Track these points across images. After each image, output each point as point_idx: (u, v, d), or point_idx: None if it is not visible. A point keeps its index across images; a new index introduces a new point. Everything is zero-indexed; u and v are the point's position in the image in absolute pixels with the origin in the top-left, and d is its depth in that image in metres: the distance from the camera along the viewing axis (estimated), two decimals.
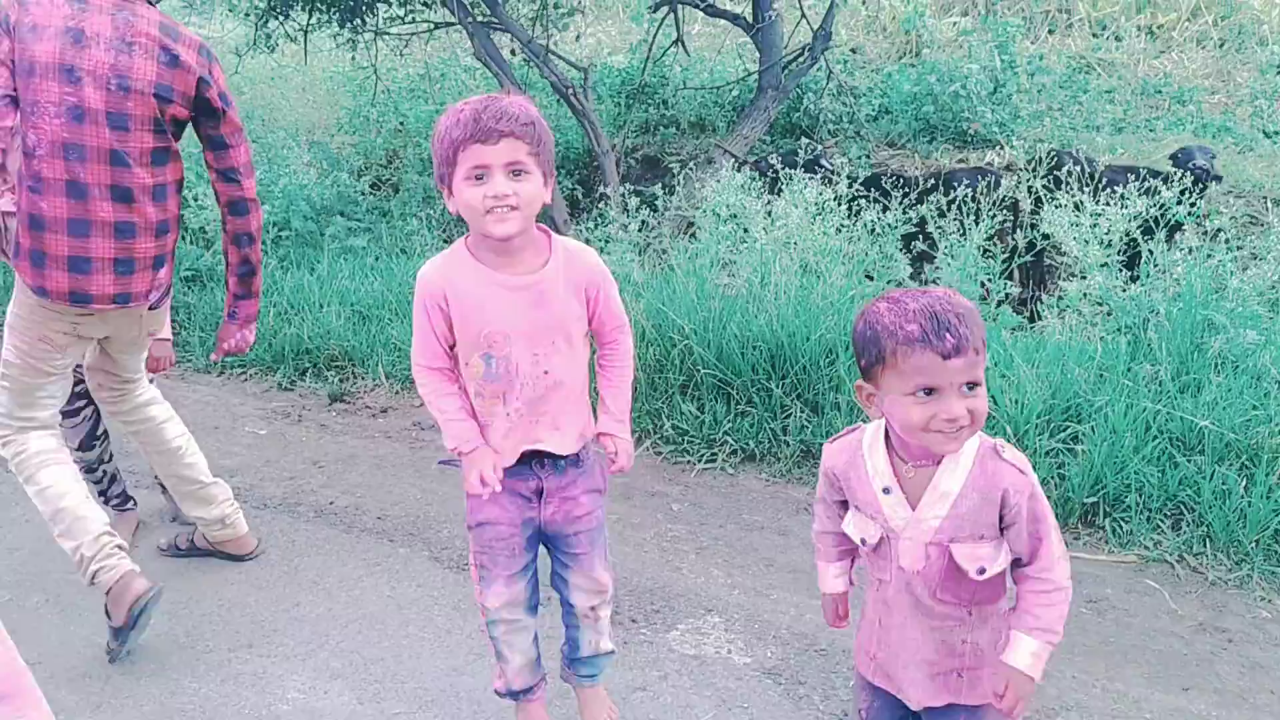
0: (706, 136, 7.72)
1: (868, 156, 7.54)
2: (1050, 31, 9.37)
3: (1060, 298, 3.83)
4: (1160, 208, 3.74)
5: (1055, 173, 4.74)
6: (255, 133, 6.70)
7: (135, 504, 3.44)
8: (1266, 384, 3.19)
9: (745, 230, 4.38)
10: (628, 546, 3.20)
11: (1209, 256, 3.59)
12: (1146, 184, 4.03)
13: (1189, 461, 3.00)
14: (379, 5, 6.65)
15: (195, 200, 5.34)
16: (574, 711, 2.41)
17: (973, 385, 1.55)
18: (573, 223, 5.70)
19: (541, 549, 2.22)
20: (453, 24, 5.98)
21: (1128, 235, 3.73)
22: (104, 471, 3.33)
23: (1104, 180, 4.68)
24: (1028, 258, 4.10)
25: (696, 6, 6.89)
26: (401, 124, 8.53)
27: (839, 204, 4.28)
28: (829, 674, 2.60)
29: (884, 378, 1.59)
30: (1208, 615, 2.71)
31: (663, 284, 4.01)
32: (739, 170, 5.30)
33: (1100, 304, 3.60)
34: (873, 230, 4.27)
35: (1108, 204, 3.81)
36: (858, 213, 4.39)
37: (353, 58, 7.39)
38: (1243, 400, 3.10)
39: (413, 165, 7.80)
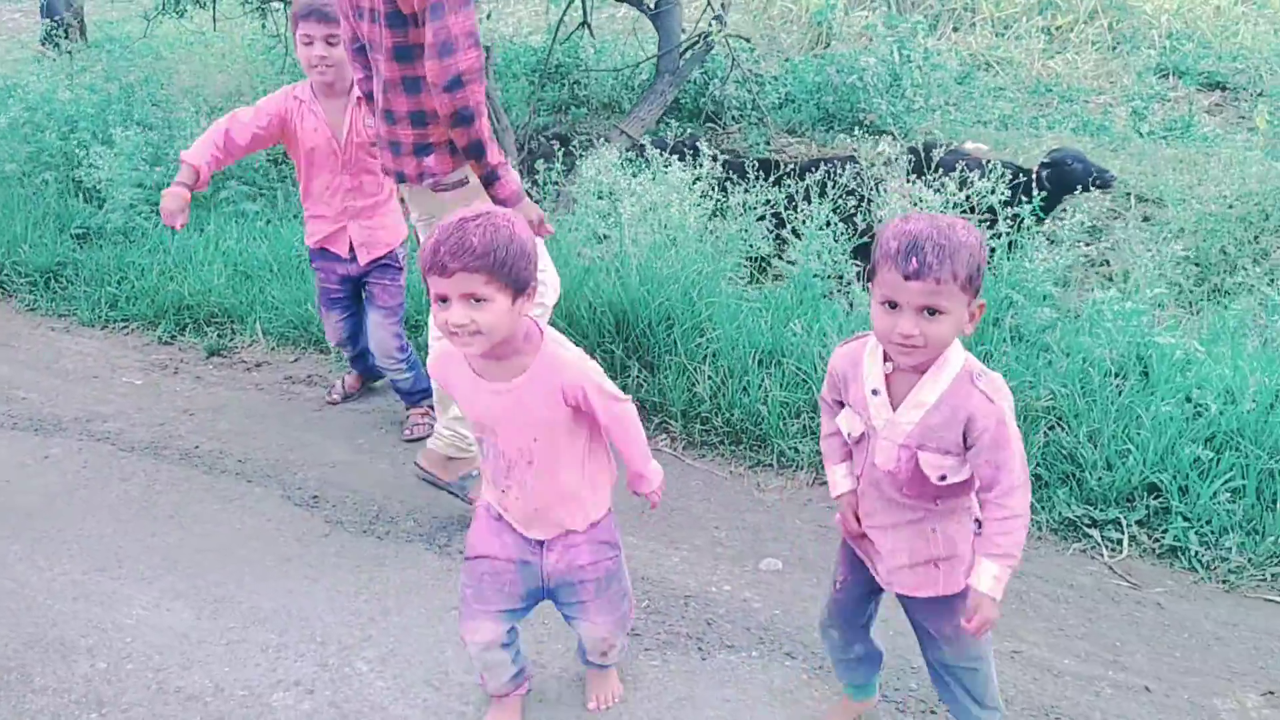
0: (617, 117, 8.02)
1: (767, 142, 7.91)
2: (955, 29, 9.79)
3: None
4: (980, 196, 4.12)
5: (921, 161, 5.14)
6: (162, 98, 6.87)
7: None
8: (1051, 356, 3.59)
9: (615, 206, 4.70)
10: None
11: (1013, 245, 3.98)
12: (1005, 175, 4.43)
13: None
14: None
15: (88, 159, 5.54)
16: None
17: (932, 311, 1.73)
18: None
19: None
20: None
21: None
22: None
23: (962, 170, 5.07)
24: (866, 239, 4.47)
25: None
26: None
27: (700, 184, 4.62)
28: (638, 603, 2.93)
29: (873, 283, 1.81)
30: None
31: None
32: (634, 151, 5.62)
33: None
34: (727, 210, 4.61)
35: (937, 191, 4.19)
36: (727, 193, 4.73)
37: (262, 26, 7.56)
38: (1025, 369, 3.49)
39: None
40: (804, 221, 4.39)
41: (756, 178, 4.82)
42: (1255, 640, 2.74)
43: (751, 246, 4.46)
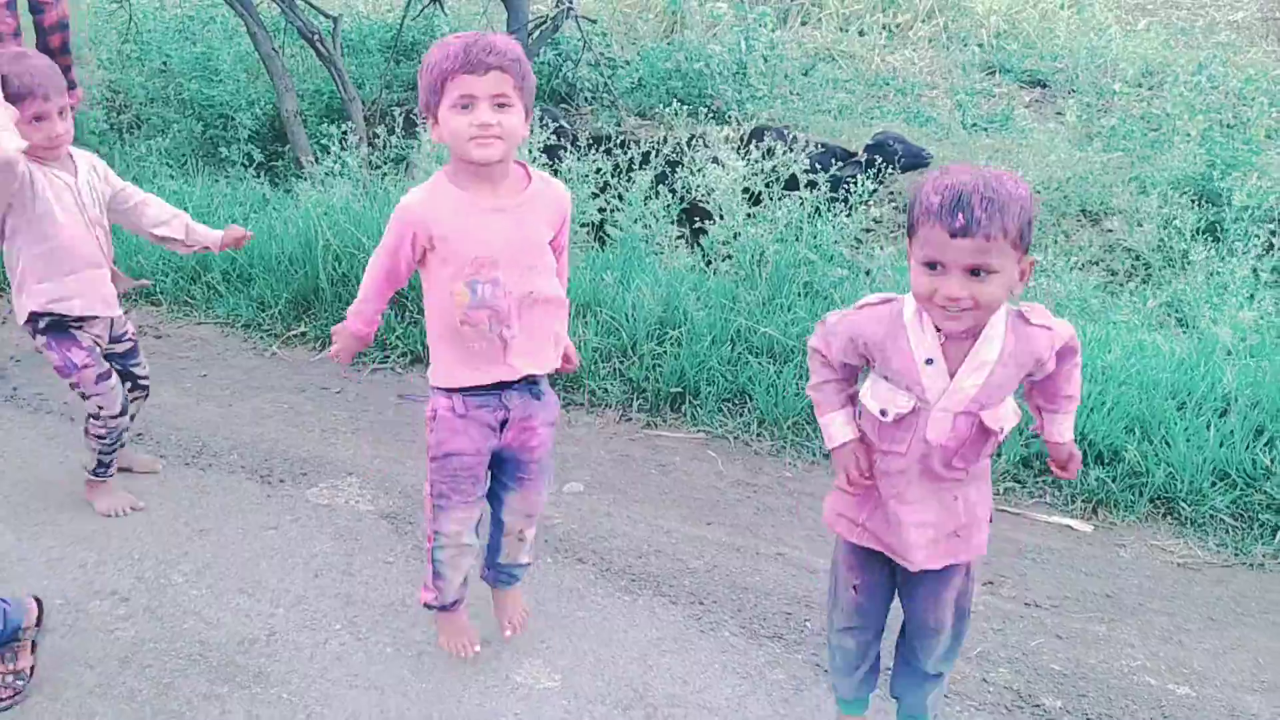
0: None
1: (618, 124, 8.27)
2: (803, 23, 10.36)
3: (704, 235, 4.60)
4: (779, 168, 4.56)
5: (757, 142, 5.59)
6: None
7: None
8: (835, 306, 4.02)
9: None
10: (292, 428, 3.76)
11: (819, 211, 4.42)
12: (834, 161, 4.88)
13: (758, 363, 3.80)
14: None
15: None
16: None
17: (980, 270, 1.60)
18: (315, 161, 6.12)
19: None
20: None
21: (750, 189, 4.54)
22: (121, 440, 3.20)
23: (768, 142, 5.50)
24: (684, 205, 4.85)
25: None
26: (165, 64, 8.70)
27: (531, 151, 4.93)
28: None
29: (911, 242, 1.70)
30: (744, 475, 3.51)
31: (364, 212, 4.55)
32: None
33: (725, 243, 4.39)
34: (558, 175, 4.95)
35: (743, 163, 4.61)
36: (560, 161, 5.06)
37: None
38: (811, 318, 3.92)
39: (171, 103, 8.02)
40: (628, 189, 4.75)
41: (588, 148, 5.15)
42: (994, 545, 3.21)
43: (582, 212, 4.80)
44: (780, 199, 4.43)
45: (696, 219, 4.75)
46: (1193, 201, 5.72)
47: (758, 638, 2.75)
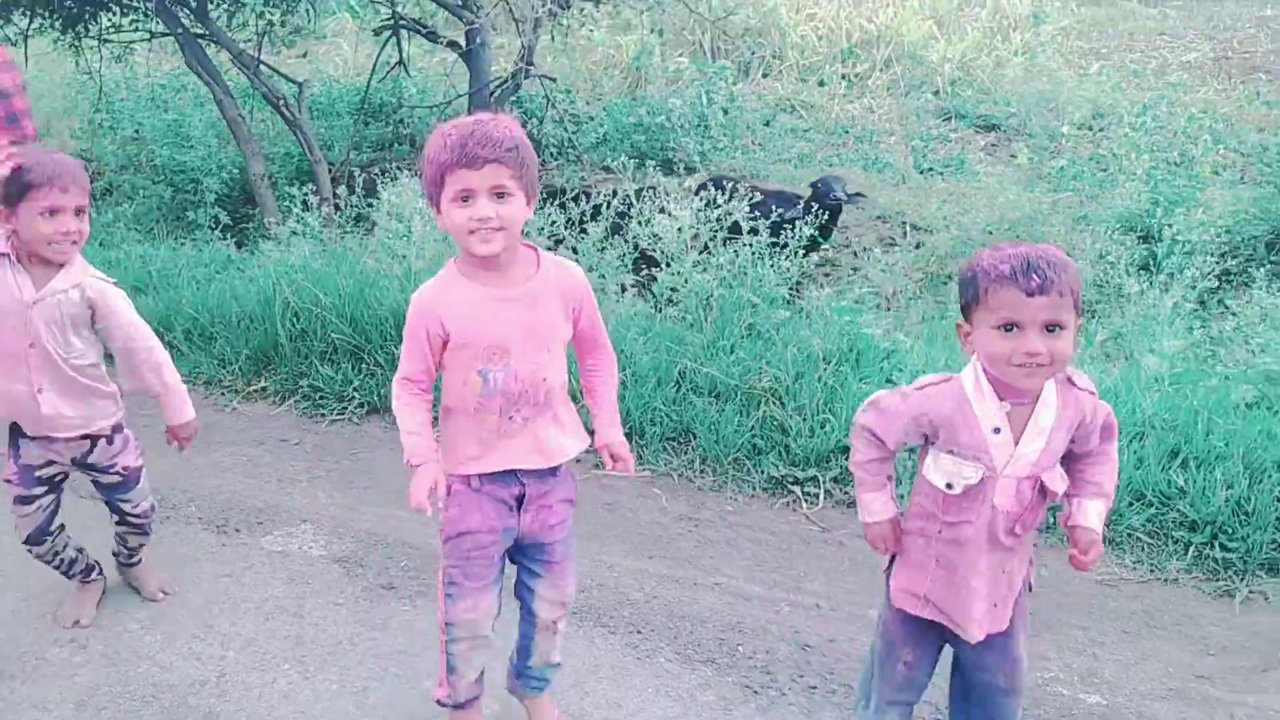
0: None
1: (582, 179, 8.52)
2: (765, 75, 10.68)
3: (655, 281, 4.78)
4: (722, 217, 4.75)
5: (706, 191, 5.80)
6: None
7: (101, 572, 3.18)
8: (781, 349, 4.20)
9: (410, 227, 5.17)
10: (250, 479, 3.90)
11: (760, 257, 4.60)
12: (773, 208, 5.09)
13: (702, 402, 3.96)
14: (101, 13, 7.09)
15: None
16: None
17: (1054, 326, 1.75)
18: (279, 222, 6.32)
19: None
20: (170, 34, 6.53)
21: (702, 235, 4.73)
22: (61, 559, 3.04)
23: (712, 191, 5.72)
24: (637, 254, 5.04)
25: (417, 32, 7.68)
26: (137, 132, 8.93)
27: None
28: (387, 559, 3.36)
29: (976, 313, 1.81)
30: (687, 510, 3.67)
31: (322, 270, 4.73)
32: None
33: (674, 289, 4.57)
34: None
35: (688, 213, 4.81)
36: None
37: (76, 63, 7.77)
38: (754, 357, 4.09)
39: (143, 169, 8.24)
40: (580, 240, 4.94)
41: (544, 202, 5.35)
42: None
43: None
44: (726, 244, 4.62)
45: (645, 267, 4.94)
46: (1139, 238, 5.95)
47: (691, 663, 2.88)
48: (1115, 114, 8.19)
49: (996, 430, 1.87)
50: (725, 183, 6.84)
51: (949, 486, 1.93)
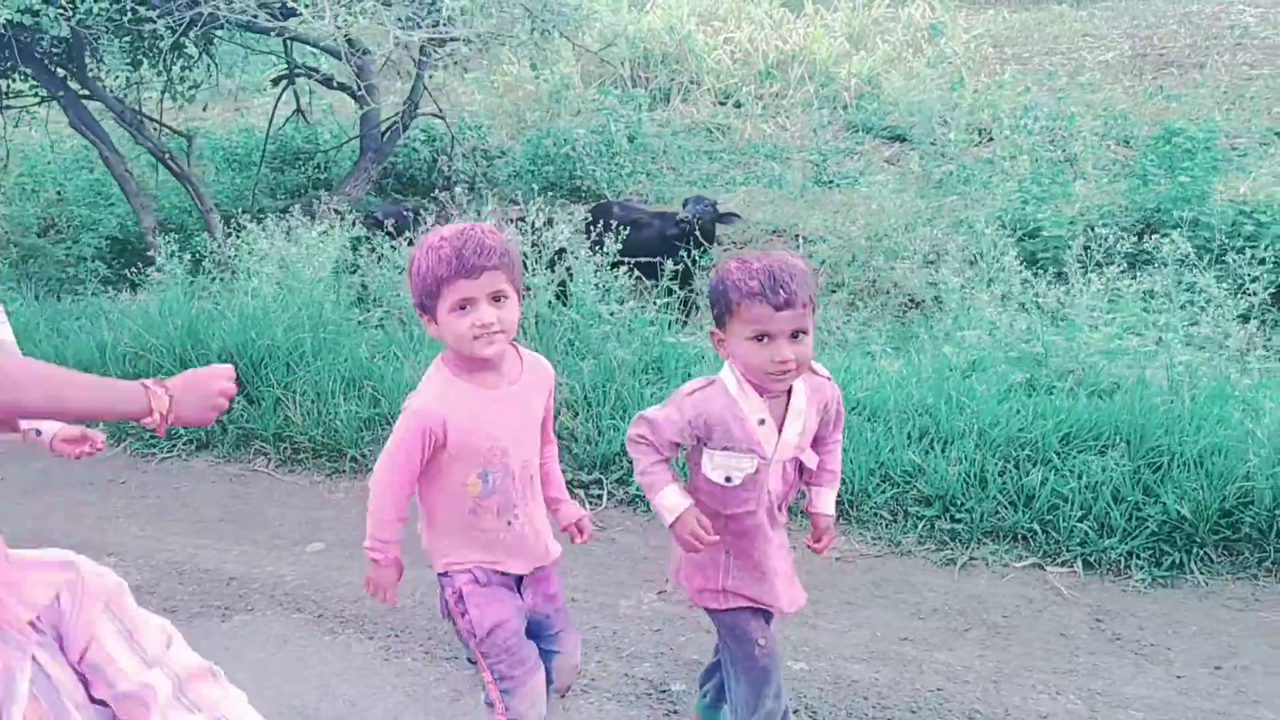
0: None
1: (493, 210, 8.77)
2: (684, 100, 10.94)
3: None
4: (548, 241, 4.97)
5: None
6: None
7: None
8: (587, 359, 4.38)
9: (282, 267, 5.41)
10: (72, 520, 4.10)
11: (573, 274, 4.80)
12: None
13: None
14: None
15: None
16: None
17: (799, 333, 1.95)
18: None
19: None
20: (54, 98, 6.82)
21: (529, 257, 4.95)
22: None
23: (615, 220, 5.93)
24: None
25: (310, 78, 7.97)
26: (60, 194, 9.25)
27: (332, 241, 5.37)
28: (176, 585, 3.55)
29: (731, 325, 1.98)
30: None
31: (155, 317, 4.96)
32: (343, 222, 6.30)
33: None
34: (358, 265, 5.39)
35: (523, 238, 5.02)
36: (360, 250, 5.50)
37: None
38: (566, 371, 4.28)
39: (66, 232, 8.53)
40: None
41: (390, 233, 5.59)
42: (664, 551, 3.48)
43: (366, 289, 5.22)
44: (553, 267, 4.83)
45: None
46: (1017, 237, 6.12)
47: (436, 660, 3.05)
48: (1002, 119, 8.38)
49: (762, 422, 2.05)
50: (614, 207, 7.16)
51: (728, 480, 2.09)
